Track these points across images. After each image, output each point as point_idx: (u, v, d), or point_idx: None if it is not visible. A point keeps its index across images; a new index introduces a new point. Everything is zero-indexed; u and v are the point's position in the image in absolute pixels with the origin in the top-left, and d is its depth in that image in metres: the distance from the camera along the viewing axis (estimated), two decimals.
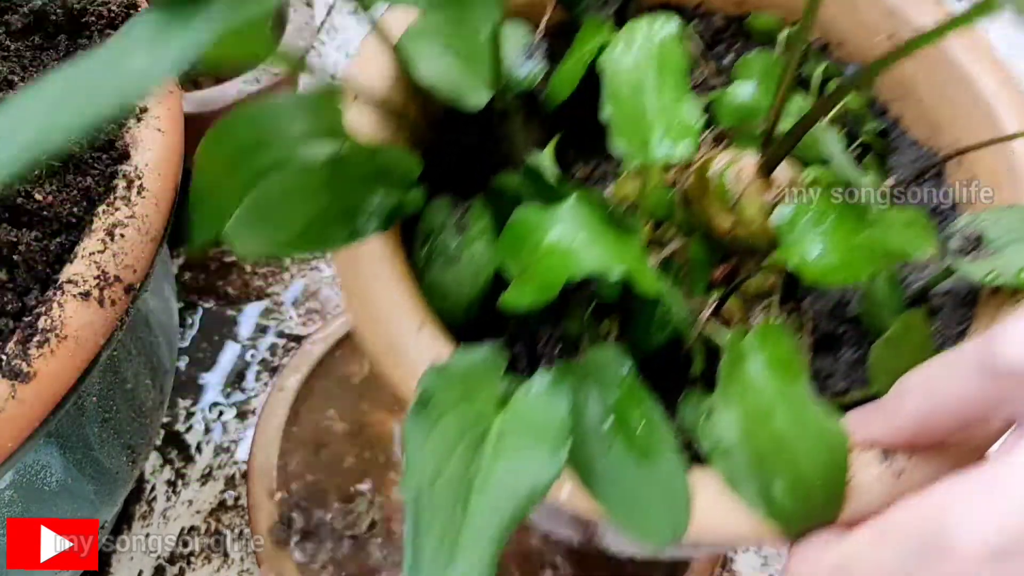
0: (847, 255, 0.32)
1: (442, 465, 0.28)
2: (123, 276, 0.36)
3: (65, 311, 0.35)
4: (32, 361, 0.33)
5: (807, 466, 0.31)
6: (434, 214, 0.36)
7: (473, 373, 0.30)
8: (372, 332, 0.33)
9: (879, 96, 0.45)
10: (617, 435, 0.31)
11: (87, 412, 0.41)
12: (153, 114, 0.41)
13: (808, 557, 0.30)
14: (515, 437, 0.29)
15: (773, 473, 0.30)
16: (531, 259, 0.31)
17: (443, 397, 0.29)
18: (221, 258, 0.72)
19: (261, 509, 0.56)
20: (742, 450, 0.31)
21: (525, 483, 0.28)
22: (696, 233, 0.36)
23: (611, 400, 0.31)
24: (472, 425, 0.29)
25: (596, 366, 0.32)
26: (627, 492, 0.30)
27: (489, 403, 0.30)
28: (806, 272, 0.32)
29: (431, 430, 0.29)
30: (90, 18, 0.43)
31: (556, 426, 0.29)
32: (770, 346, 0.32)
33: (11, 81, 0.40)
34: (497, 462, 0.28)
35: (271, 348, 0.68)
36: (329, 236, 0.32)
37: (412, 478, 0.27)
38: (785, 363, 0.32)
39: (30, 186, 0.38)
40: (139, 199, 0.38)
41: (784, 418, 0.31)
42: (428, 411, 0.29)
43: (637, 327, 0.35)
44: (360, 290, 0.34)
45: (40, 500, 0.40)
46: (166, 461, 0.63)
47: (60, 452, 0.40)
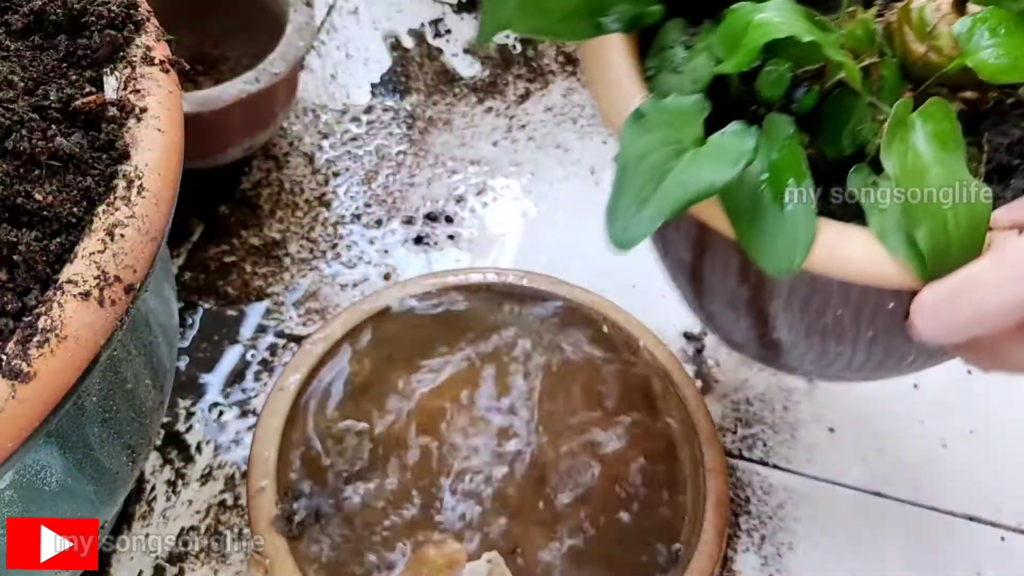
0: (1017, 58, 0.37)
1: (647, 154, 0.37)
2: (123, 276, 0.36)
3: (65, 311, 0.35)
4: (32, 361, 0.33)
5: (949, 221, 0.35)
6: (668, 32, 0.43)
7: (681, 110, 0.39)
8: (608, 106, 0.42)
9: None
10: (768, 185, 0.38)
11: (87, 412, 0.41)
12: (153, 114, 0.41)
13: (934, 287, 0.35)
14: (707, 155, 0.37)
15: (918, 222, 0.36)
16: (740, 35, 0.37)
17: (655, 118, 0.38)
18: (221, 258, 0.72)
19: (260, 509, 0.56)
20: (894, 204, 0.36)
21: (707, 179, 0.36)
22: (892, 57, 0.41)
23: (773, 158, 0.38)
24: (674, 142, 0.38)
25: (771, 126, 0.39)
26: (762, 228, 0.37)
27: (689, 135, 0.38)
28: (982, 70, 0.37)
29: (643, 135, 0.38)
30: (90, 18, 0.43)
31: (739, 152, 0.37)
32: (934, 120, 0.37)
33: (11, 81, 0.40)
34: (690, 165, 0.37)
35: (271, 348, 0.68)
36: (579, 28, 0.42)
37: (624, 156, 0.38)
38: (945, 135, 0.37)
39: (30, 186, 0.38)
40: (139, 199, 0.38)
41: (937, 177, 0.36)
42: (643, 122, 0.38)
43: (827, 136, 0.41)
44: (599, 69, 0.42)
45: (40, 500, 0.40)
46: (166, 461, 0.63)
47: (60, 452, 0.40)
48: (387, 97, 0.83)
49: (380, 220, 0.75)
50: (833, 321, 0.43)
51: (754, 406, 0.67)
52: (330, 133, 0.80)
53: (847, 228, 0.38)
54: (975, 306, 0.34)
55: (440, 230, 0.75)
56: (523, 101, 0.84)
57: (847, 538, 0.62)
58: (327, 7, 0.90)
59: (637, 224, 0.36)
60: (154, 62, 0.43)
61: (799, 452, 0.65)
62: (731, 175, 0.36)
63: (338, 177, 0.78)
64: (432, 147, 0.80)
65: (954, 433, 0.67)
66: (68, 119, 0.41)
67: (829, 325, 0.44)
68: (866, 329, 0.43)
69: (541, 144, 0.81)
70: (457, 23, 0.89)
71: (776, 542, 0.62)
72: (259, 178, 0.77)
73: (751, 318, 0.48)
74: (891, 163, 0.37)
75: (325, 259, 0.73)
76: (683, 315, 0.71)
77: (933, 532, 0.62)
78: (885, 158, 0.37)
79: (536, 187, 0.78)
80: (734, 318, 0.49)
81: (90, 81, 0.42)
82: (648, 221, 0.36)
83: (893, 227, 0.36)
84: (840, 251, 0.37)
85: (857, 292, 0.41)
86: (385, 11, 0.90)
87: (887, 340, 0.44)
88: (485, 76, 0.85)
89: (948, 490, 0.64)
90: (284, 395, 0.60)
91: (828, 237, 0.37)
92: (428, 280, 0.67)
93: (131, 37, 0.44)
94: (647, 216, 0.36)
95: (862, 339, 0.44)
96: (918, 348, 0.44)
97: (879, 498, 0.64)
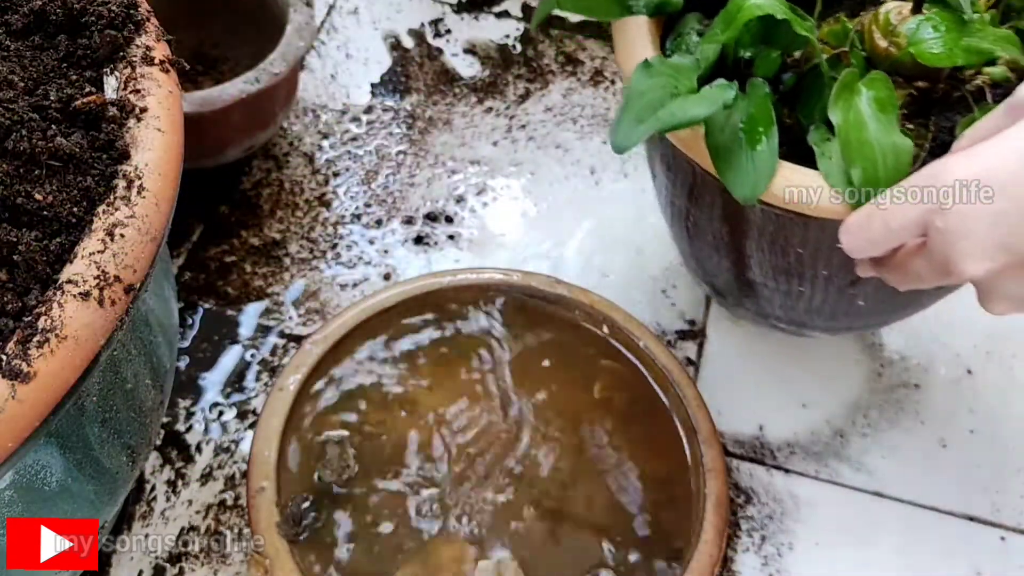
0: (950, 50, 0.48)
1: (649, 92, 0.47)
2: (123, 276, 0.36)
3: (65, 311, 0.35)
4: (32, 361, 0.33)
5: (879, 163, 0.45)
6: (687, 22, 0.54)
7: (681, 66, 0.49)
8: (626, 65, 0.52)
9: None
10: (743, 132, 0.48)
11: (87, 412, 0.41)
12: (153, 114, 0.41)
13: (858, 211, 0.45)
14: (695, 98, 0.47)
15: (855, 163, 0.46)
16: (735, 14, 0.48)
17: (659, 69, 0.48)
18: (221, 258, 0.72)
19: (260, 509, 0.56)
20: (841, 144, 0.46)
21: (691, 112, 0.47)
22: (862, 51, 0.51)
23: (750, 111, 0.48)
24: (671, 87, 0.48)
25: (751, 88, 0.49)
26: (734, 163, 0.48)
27: (684, 85, 0.48)
28: (923, 56, 0.48)
29: (648, 78, 0.48)
30: (90, 18, 0.43)
31: (720, 98, 0.47)
32: (875, 88, 0.47)
33: (11, 81, 0.40)
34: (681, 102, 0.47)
35: (271, 348, 0.68)
36: (613, 9, 0.53)
37: (630, 90, 0.47)
38: (883, 100, 0.47)
39: (30, 186, 0.38)
40: (139, 199, 0.38)
41: (873, 129, 0.46)
42: (649, 70, 0.48)
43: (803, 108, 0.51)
44: (623, 42, 0.53)
45: (40, 500, 0.40)
46: (166, 461, 0.63)
47: (60, 452, 0.40)
48: (387, 97, 0.83)
49: (380, 220, 0.75)
50: (795, 259, 0.54)
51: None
52: (330, 133, 0.80)
53: (801, 168, 0.48)
54: (884, 223, 0.43)
55: (440, 230, 0.75)
56: (523, 101, 0.84)
57: (847, 538, 0.62)
58: (327, 7, 0.90)
59: (634, 135, 0.46)
60: (154, 62, 0.43)
61: (801, 452, 0.66)
62: (711, 111, 0.46)
63: (338, 177, 0.78)
64: (432, 147, 0.80)
65: (954, 433, 0.67)
66: (68, 119, 0.41)
67: (792, 263, 0.54)
68: (821, 267, 0.54)
69: (541, 144, 0.81)
70: (457, 23, 0.89)
71: (776, 542, 0.62)
72: (259, 178, 0.77)
73: (731, 258, 0.58)
74: (836, 116, 0.46)
75: (325, 259, 0.73)
76: (683, 314, 0.71)
77: (932, 532, 0.62)
78: (831, 112, 0.46)
79: (536, 187, 0.78)
80: (717, 260, 0.59)
81: (90, 81, 0.42)
82: (642, 133, 0.46)
83: (836, 169, 0.47)
84: (793, 184, 0.47)
85: (812, 231, 0.51)
86: (385, 11, 0.90)
87: (838, 279, 0.55)
88: (485, 76, 0.85)
89: (948, 490, 0.64)
90: (284, 395, 0.60)
91: (785, 174, 0.48)
92: (427, 280, 0.67)
93: (131, 37, 0.44)
94: (642, 130, 0.46)
95: (819, 278, 0.55)
96: (864, 290, 0.55)
97: (879, 498, 0.64)
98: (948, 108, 0.51)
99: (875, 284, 0.52)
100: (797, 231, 0.52)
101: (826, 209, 0.47)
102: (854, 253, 0.46)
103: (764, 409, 0.67)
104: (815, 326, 0.62)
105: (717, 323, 0.71)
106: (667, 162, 0.57)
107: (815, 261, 0.53)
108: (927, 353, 0.70)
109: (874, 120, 0.46)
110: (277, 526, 0.55)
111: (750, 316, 0.66)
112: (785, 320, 0.63)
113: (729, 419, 0.66)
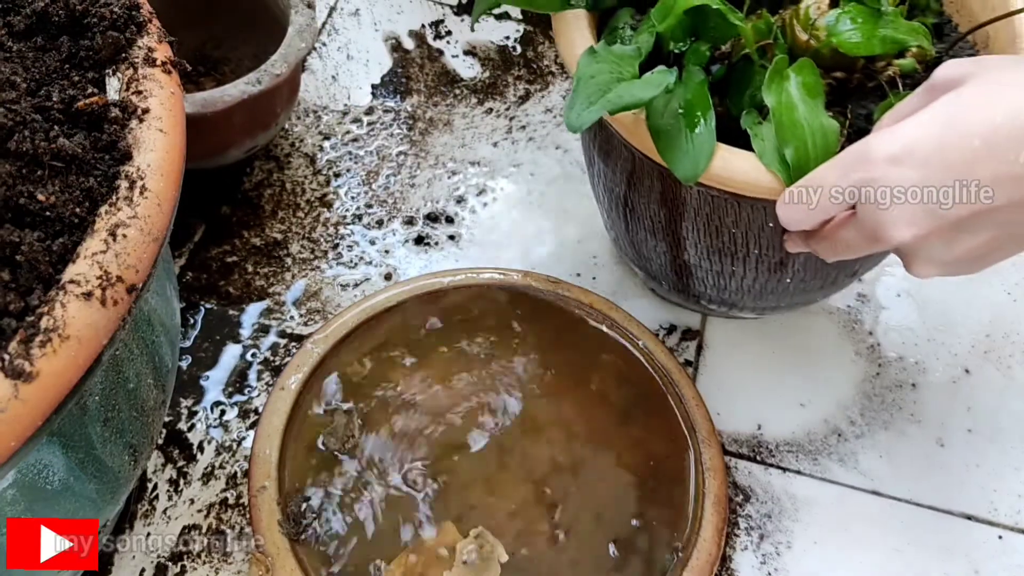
0: (868, 39, 0.52)
1: (596, 76, 0.50)
2: (125, 276, 0.36)
3: (68, 311, 0.35)
4: (35, 361, 0.34)
5: (809, 143, 0.49)
6: (621, 16, 0.58)
7: (624, 54, 0.52)
8: (568, 53, 0.55)
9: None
10: (682, 116, 0.51)
11: (89, 412, 0.41)
12: (155, 115, 0.41)
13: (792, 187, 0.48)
14: (639, 83, 0.50)
15: (787, 143, 0.49)
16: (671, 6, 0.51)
17: (604, 56, 0.51)
18: (223, 258, 0.73)
19: (262, 508, 0.56)
20: (775, 124, 0.50)
21: (637, 95, 0.49)
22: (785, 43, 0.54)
23: (688, 97, 0.51)
24: (616, 72, 0.51)
25: (688, 75, 0.52)
26: (677, 146, 0.51)
27: (628, 71, 0.51)
28: (842, 46, 0.51)
29: (594, 64, 0.51)
30: (92, 20, 0.44)
31: (661, 82, 0.50)
32: (803, 74, 0.51)
33: (13, 82, 0.41)
34: (627, 86, 0.50)
35: (272, 348, 0.68)
36: (552, 1, 0.57)
37: (579, 75, 0.50)
38: (810, 85, 0.50)
39: (33, 186, 0.38)
40: (141, 200, 0.38)
41: (803, 112, 0.50)
42: (595, 56, 0.51)
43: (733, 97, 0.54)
44: (564, 31, 0.57)
45: (43, 499, 0.41)
46: (168, 460, 0.63)
47: (62, 451, 0.40)
48: (388, 98, 0.84)
49: (381, 220, 0.76)
50: (729, 239, 0.57)
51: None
52: (331, 134, 0.81)
53: (738, 150, 0.51)
54: (818, 195, 0.47)
55: (441, 230, 0.75)
56: (523, 102, 0.84)
57: (845, 537, 0.62)
58: (328, 9, 0.90)
59: (587, 115, 0.49)
60: (156, 63, 0.43)
61: (799, 451, 0.66)
62: (654, 93, 0.49)
63: (339, 178, 0.78)
64: (433, 148, 0.80)
65: (952, 432, 0.67)
66: (70, 120, 0.41)
67: (725, 243, 0.58)
68: (753, 246, 0.57)
69: (541, 145, 0.81)
70: (457, 25, 0.89)
71: (774, 541, 0.62)
72: (261, 179, 0.77)
73: (667, 241, 0.61)
74: (770, 99, 0.50)
75: (326, 259, 0.73)
76: (683, 314, 0.72)
77: (931, 531, 0.63)
78: (766, 95, 0.50)
79: (536, 187, 0.79)
80: (654, 244, 0.62)
81: (92, 82, 0.43)
82: (595, 114, 0.49)
83: (770, 149, 0.50)
84: (731, 164, 0.51)
85: (745, 211, 0.54)
86: (386, 13, 0.90)
87: (768, 258, 0.58)
88: (485, 77, 0.86)
89: (946, 489, 0.64)
90: (285, 395, 0.61)
91: (723, 155, 0.51)
92: (428, 280, 0.67)
93: (133, 38, 0.44)
94: (594, 111, 0.49)
95: (751, 257, 0.58)
96: (791, 269, 0.58)
97: (876, 497, 0.64)
98: (863, 97, 0.55)
99: (801, 263, 0.57)
100: (731, 211, 0.55)
101: (760, 188, 0.50)
102: (790, 225, 0.50)
103: (762, 408, 0.67)
104: (744, 305, 0.65)
105: (716, 323, 0.71)
106: (606, 150, 0.60)
107: (747, 241, 0.57)
108: (924, 353, 0.70)
109: (803, 103, 0.50)
110: (279, 524, 0.55)
111: (683, 299, 0.69)
112: (716, 300, 0.66)
113: (727, 418, 0.66)
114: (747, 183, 0.51)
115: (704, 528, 0.57)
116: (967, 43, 0.61)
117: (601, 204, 0.67)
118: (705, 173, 0.50)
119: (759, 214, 0.54)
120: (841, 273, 0.61)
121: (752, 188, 0.51)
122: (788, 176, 0.49)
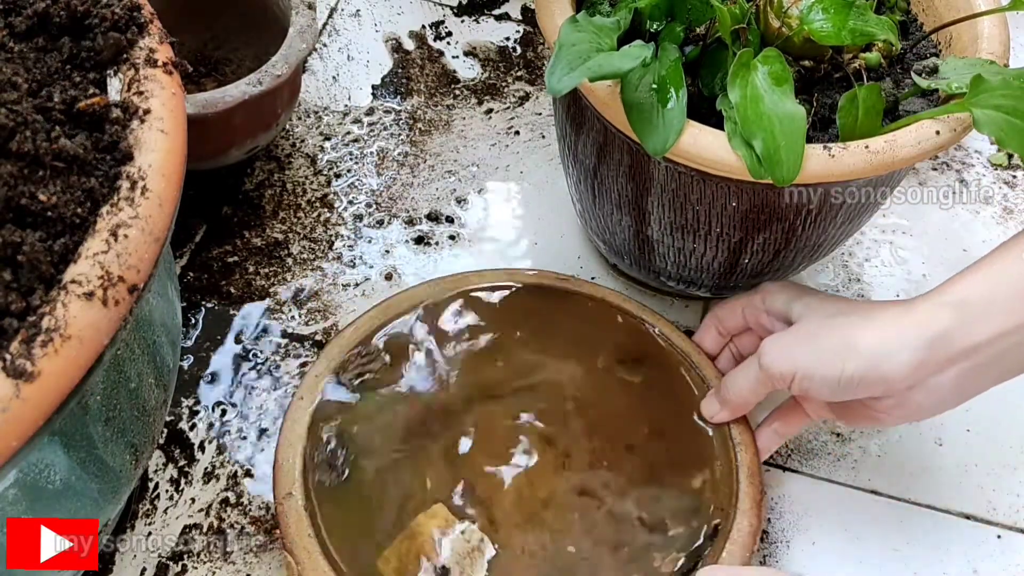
0: (839, 30, 0.53)
1: (577, 44, 0.51)
2: (127, 276, 0.37)
3: (69, 311, 0.35)
4: (36, 360, 0.34)
5: (777, 131, 0.51)
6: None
7: (603, 25, 0.53)
8: (548, 23, 0.57)
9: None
10: (655, 91, 0.52)
11: (91, 411, 0.41)
12: (156, 116, 0.41)
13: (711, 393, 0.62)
14: (617, 54, 0.52)
15: (755, 135, 0.51)
16: None
17: (584, 25, 0.53)
18: (224, 259, 0.73)
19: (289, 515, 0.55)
20: (740, 119, 0.51)
21: (615, 65, 0.51)
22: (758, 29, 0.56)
23: (662, 73, 0.53)
24: (596, 43, 0.52)
25: (663, 52, 0.54)
26: (649, 120, 0.52)
27: (607, 43, 0.52)
28: (814, 35, 0.53)
29: (575, 32, 0.52)
30: (93, 20, 0.44)
31: (639, 55, 0.51)
32: (770, 63, 0.52)
33: (15, 82, 0.41)
34: (605, 57, 0.51)
35: (274, 347, 0.68)
36: None
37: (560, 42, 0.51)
38: (778, 74, 0.52)
39: (34, 187, 0.38)
40: (143, 200, 0.38)
41: (769, 102, 0.51)
42: (576, 25, 0.52)
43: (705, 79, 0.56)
44: (545, 4, 0.58)
45: (44, 499, 0.41)
46: (169, 460, 0.63)
47: (64, 451, 0.40)
48: (388, 99, 0.84)
49: (381, 221, 0.76)
50: (692, 216, 0.59)
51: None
52: (332, 135, 0.81)
53: (707, 128, 0.53)
54: (732, 388, 0.59)
55: (441, 230, 0.76)
56: (523, 103, 0.84)
57: (844, 536, 0.62)
58: (329, 10, 0.90)
59: (568, 80, 0.50)
60: (157, 64, 0.43)
61: (798, 451, 0.66)
62: (632, 65, 0.51)
63: (340, 178, 0.78)
64: (433, 148, 0.81)
65: (950, 432, 0.67)
66: (72, 120, 0.41)
67: (689, 220, 0.60)
68: (715, 224, 0.59)
69: (541, 145, 0.81)
70: (457, 26, 0.89)
71: (773, 540, 0.62)
72: (262, 179, 0.77)
73: (632, 215, 0.63)
74: (734, 93, 0.51)
75: (327, 259, 0.73)
76: (683, 314, 0.72)
77: (929, 530, 0.63)
78: (730, 90, 0.51)
79: (536, 187, 0.79)
80: (619, 217, 0.64)
81: (94, 83, 0.43)
82: (575, 79, 0.50)
83: (739, 133, 0.52)
84: (699, 141, 0.52)
85: (710, 189, 0.56)
86: (386, 14, 0.90)
87: (728, 237, 0.60)
88: (485, 78, 0.86)
89: (944, 488, 0.64)
90: (304, 403, 0.60)
91: (692, 131, 0.52)
92: (441, 283, 0.67)
93: (134, 39, 0.44)
94: (575, 76, 0.50)
95: (712, 235, 0.60)
96: (751, 248, 0.61)
97: (876, 496, 0.64)
98: (829, 87, 0.58)
99: (760, 244, 0.60)
100: (696, 188, 0.57)
101: (726, 165, 0.52)
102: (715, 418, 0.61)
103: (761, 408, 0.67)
104: (703, 284, 0.68)
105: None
106: (579, 122, 0.61)
107: (709, 219, 0.59)
108: None
109: (769, 93, 0.51)
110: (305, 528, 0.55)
111: (643, 275, 0.72)
112: (676, 278, 0.68)
113: None
114: (714, 160, 0.52)
115: (742, 500, 0.58)
116: (931, 41, 0.63)
117: (570, 177, 0.69)
118: (674, 148, 0.52)
119: (723, 192, 0.56)
120: (799, 255, 0.63)
121: (718, 165, 0.52)
122: (756, 165, 0.51)
